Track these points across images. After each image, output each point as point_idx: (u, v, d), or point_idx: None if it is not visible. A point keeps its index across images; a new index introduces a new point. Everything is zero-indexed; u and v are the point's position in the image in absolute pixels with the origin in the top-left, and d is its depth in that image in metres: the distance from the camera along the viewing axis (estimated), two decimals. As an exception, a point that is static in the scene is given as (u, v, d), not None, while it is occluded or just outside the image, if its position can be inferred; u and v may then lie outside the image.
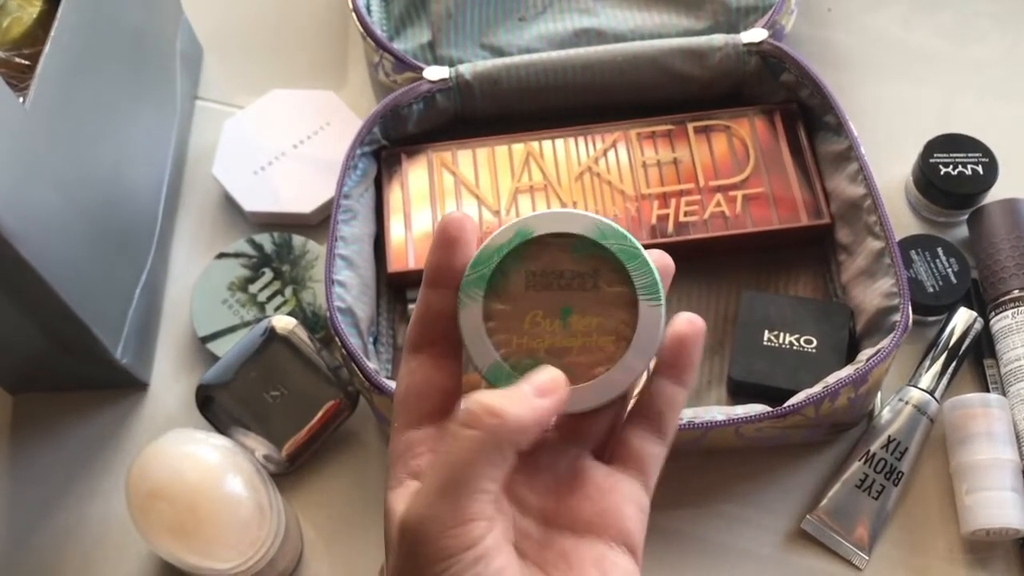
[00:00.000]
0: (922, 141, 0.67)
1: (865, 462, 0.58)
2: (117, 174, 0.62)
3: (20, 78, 0.52)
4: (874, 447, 0.58)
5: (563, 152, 0.67)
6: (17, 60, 0.53)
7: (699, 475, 0.59)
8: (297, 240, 0.67)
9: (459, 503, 0.31)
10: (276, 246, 0.67)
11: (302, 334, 0.61)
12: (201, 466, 0.52)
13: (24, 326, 0.56)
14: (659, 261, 0.35)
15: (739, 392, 0.60)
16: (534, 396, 0.32)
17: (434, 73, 0.67)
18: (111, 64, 0.61)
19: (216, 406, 0.60)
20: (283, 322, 0.61)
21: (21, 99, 0.50)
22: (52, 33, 0.52)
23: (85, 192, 0.57)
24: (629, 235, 0.35)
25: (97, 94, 0.59)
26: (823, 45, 0.75)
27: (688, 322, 0.35)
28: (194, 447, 0.53)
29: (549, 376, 0.33)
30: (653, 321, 0.34)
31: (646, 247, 0.36)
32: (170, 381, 0.64)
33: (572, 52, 0.67)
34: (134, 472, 0.52)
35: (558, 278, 0.34)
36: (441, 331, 0.35)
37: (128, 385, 0.64)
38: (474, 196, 0.66)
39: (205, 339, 0.64)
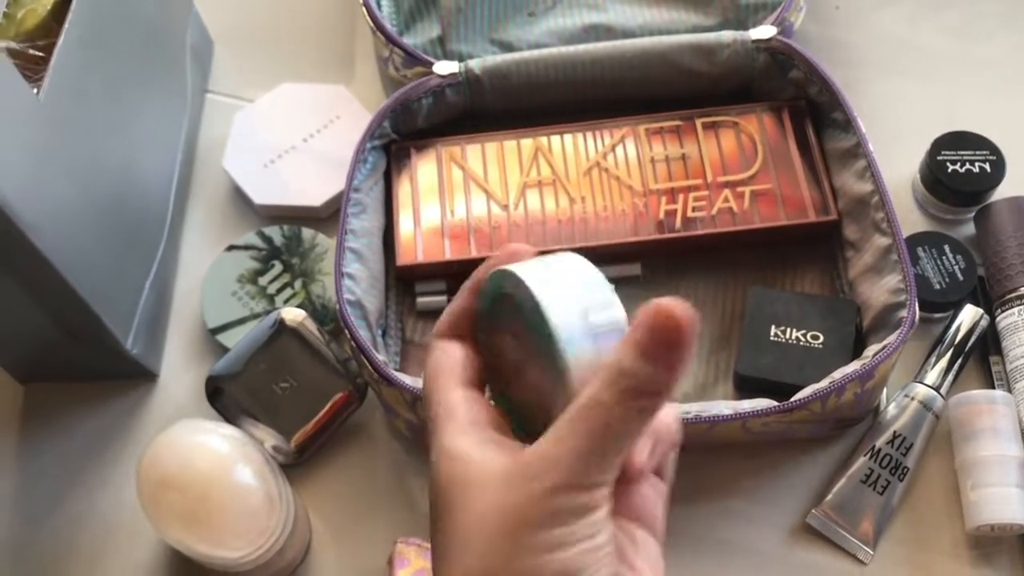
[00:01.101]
0: (928, 139, 0.67)
1: (870, 457, 0.58)
2: (128, 166, 0.62)
3: (34, 69, 0.52)
4: (879, 443, 0.58)
5: (572, 147, 0.67)
6: (31, 52, 0.53)
7: (705, 470, 0.59)
8: (307, 233, 0.67)
9: (597, 467, 0.29)
10: (286, 239, 0.67)
11: (311, 326, 0.61)
12: (212, 456, 0.52)
13: (35, 316, 0.57)
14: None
15: (745, 387, 0.60)
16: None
17: (444, 68, 0.67)
18: (123, 56, 0.61)
19: (225, 397, 0.60)
20: (292, 314, 0.61)
21: (35, 90, 0.50)
22: (66, 25, 0.52)
23: (97, 183, 0.57)
24: (544, 306, 0.32)
25: (109, 86, 0.59)
26: (830, 43, 0.75)
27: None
28: (204, 437, 0.53)
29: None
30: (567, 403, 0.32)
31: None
32: (179, 372, 0.65)
33: (581, 47, 0.68)
34: (145, 461, 0.52)
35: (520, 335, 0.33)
36: (469, 328, 0.36)
37: (138, 376, 0.64)
38: (483, 190, 0.66)
39: (215, 331, 0.64)
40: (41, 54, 0.54)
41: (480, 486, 0.31)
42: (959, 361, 0.60)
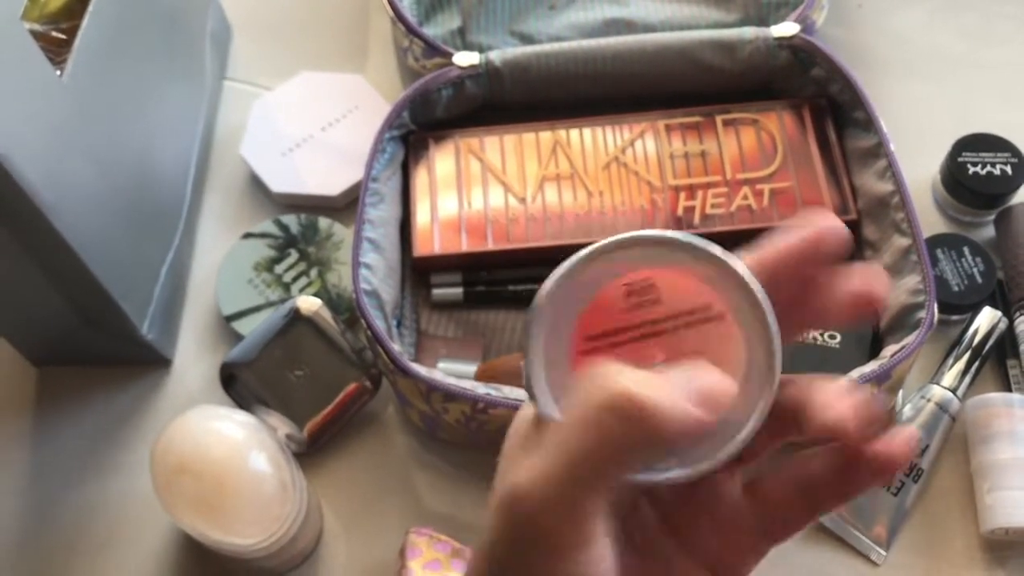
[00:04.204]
0: (947, 141, 0.66)
1: (886, 458, 0.58)
2: (147, 152, 0.62)
3: (57, 52, 0.52)
4: (895, 444, 0.58)
5: (591, 141, 0.67)
6: (54, 34, 0.53)
7: (719, 467, 0.59)
8: (323, 222, 0.67)
9: (578, 502, 0.26)
10: (302, 227, 0.67)
11: (326, 315, 0.61)
12: (226, 442, 0.52)
13: (52, 299, 0.57)
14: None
15: (761, 385, 0.60)
16: (689, 402, 0.26)
17: (464, 59, 0.67)
18: (144, 42, 0.61)
19: (239, 384, 0.60)
20: (308, 303, 0.61)
21: (59, 72, 0.50)
22: (90, 8, 0.52)
23: (117, 167, 0.57)
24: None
25: (130, 71, 0.59)
26: (850, 42, 0.75)
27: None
28: (219, 423, 0.53)
29: (714, 382, 0.27)
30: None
31: None
32: (194, 359, 0.65)
33: (603, 41, 0.67)
34: (160, 446, 0.52)
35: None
36: None
37: (152, 361, 0.64)
38: (500, 183, 0.66)
39: (230, 318, 0.64)
40: (64, 36, 0.54)
41: (514, 432, 0.31)
42: (976, 364, 0.60)
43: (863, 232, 0.63)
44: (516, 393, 0.55)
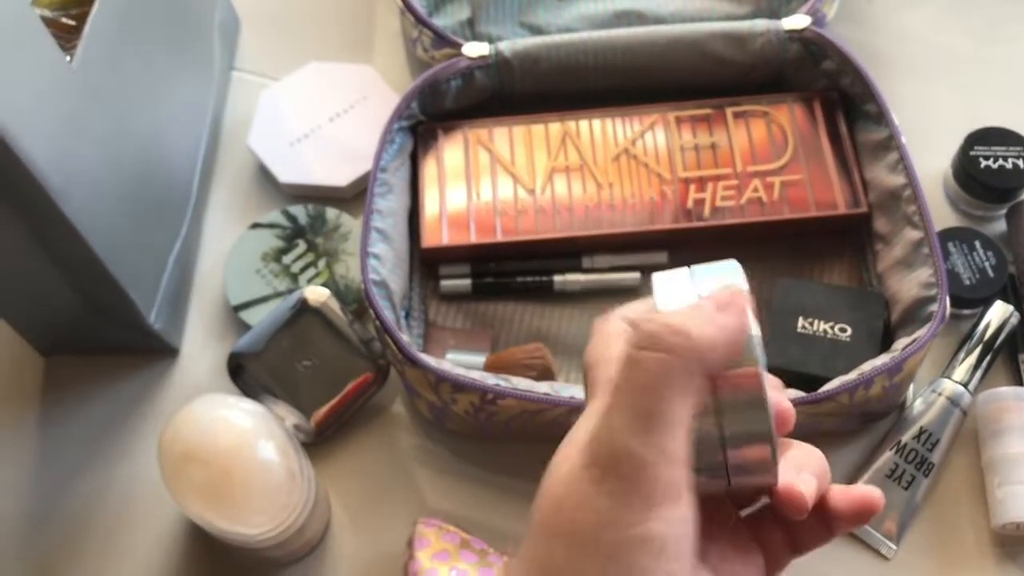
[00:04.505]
0: (958, 135, 0.66)
1: (896, 452, 0.57)
2: (156, 139, 0.62)
3: (66, 38, 0.52)
4: (906, 437, 0.58)
5: (600, 133, 0.67)
6: (64, 20, 0.53)
7: (728, 460, 0.59)
8: (331, 213, 0.67)
9: (658, 438, 0.28)
10: (310, 218, 0.67)
11: (334, 306, 0.61)
12: (234, 430, 0.52)
13: (60, 287, 0.56)
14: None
15: (771, 378, 0.59)
16: (715, 311, 0.29)
17: (473, 50, 0.67)
18: (153, 29, 0.61)
19: (247, 374, 0.60)
20: (316, 293, 0.61)
21: (68, 59, 0.50)
22: (100, -6, 0.52)
23: (126, 155, 0.57)
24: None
25: (140, 59, 0.59)
26: (860, 38, 0.74)
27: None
28: (227, 411, 0.53)
29: (725, 290, 0.30)
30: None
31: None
32: (201, 348, 0.65)
33: (613, 33, 0.67)
34: (167, 434, 0.52)
35: None
36: None
37: (159, 351, 0.64)
38: (509, 174, 0.65)
39: (237, 308, 0.64)
40: (74, 23, 0.54)
41: (566, 458, 0.30)
42: (988, 358, 0.60)
43: (874, 225, 0.62)
44: (525, 384, 0.55)
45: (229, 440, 0.52)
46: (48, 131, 0.47)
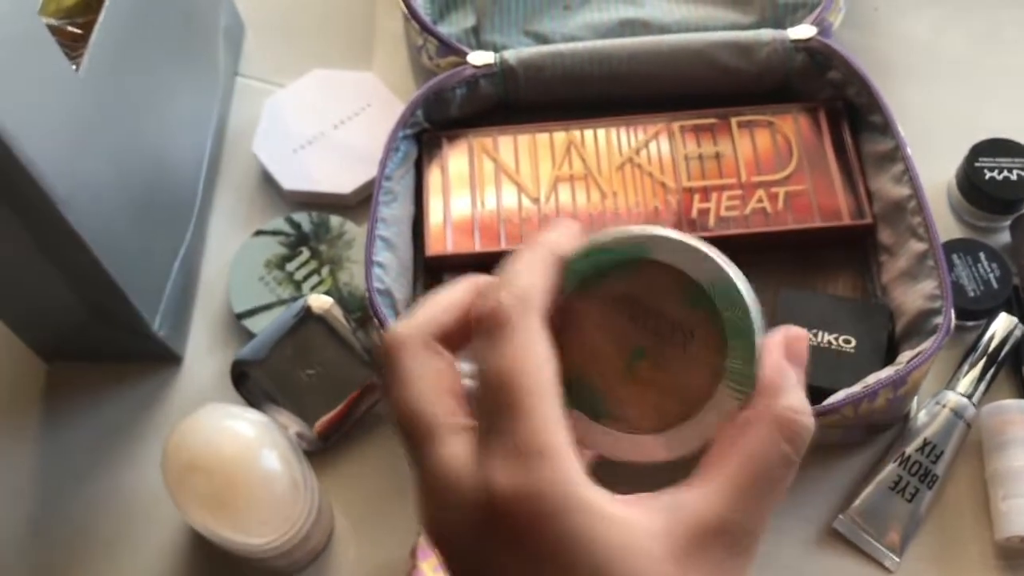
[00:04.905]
0: (963, 146, 0.66)
1: (900, 464, 0.57)
2: (161, 147, 0.62)
3: (72, 46, 0.52)
4: (909, 449, 0.58)
5: (605, 142, 0.66)
6: (70, 28, 0.53)
7: (732, 470, 0.59)
8: (335, 220, 0.67)
9: (765, 516, 0.27)
10: (314, 225, 0.67)
11: (338, 314, 0.61)
12: (238, 440, 0.52)
13: (63, 294, 0.56)
14: (788, 351, 0.29)
15: (775, 389, 0.59)
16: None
17: (478, 58, 0.67)
18: (159, 38, 0.61)
19: (250, 382, 0.60)
20: (319, 301, 0.61)
21: (74, 67, 0.50)
22: (106, 3, 0.52)
23: (131, 162, 0.57)
24: (752, 307, 0.29)
25: (145, 67, 0.59)
26: (866, 46, 0.74)
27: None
28: (231, 421, 0.53)
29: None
30: (722, 415, 0.28)
31: None
32: (204, 356, 0.65)
33: (618, 42, 0.67)
34: (172, 443, 0.52)
35: (651, 316, 0.29)
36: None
37: (163, 358, 0.64)
38: (514, 183, 0.65)
39: (241, 315, 0.64)
40: (80, 31, 0.54)
41: (645, 553, 0.26)
42: (992, 370, 0.60)
43: (879, 236, 0.62)
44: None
45: (233, 450, 0.52)
46: (53, 139, 0.47)
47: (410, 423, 0.28)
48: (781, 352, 0.29)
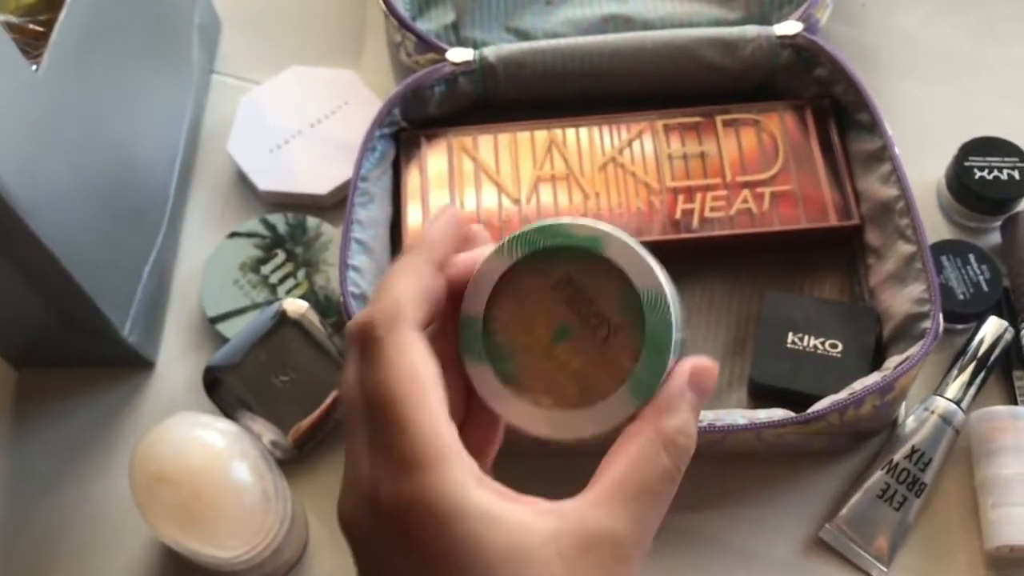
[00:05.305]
0: (953, 144, 0.65)
1: (887, 472, 0.56)
2: (130, 147, 0.60)
3: (34, 45, 0.50)
4: (897, 457, 0.56)
5: (587, 141, 0.65)
6: (31, 26, 0.51)
7: (716, 479, 0.57)
8: (311, 222, 0.65)
9: (649, 528, 0.28)
10: (290, 227, 0.65)
11: (314, 318, 0.59)
12: (208, 451, 0.51)
13: (30, 300, 0.55)
14: (692, 378, 0.30)
15: (761, 395, 0.58)
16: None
17: (458, 55, 0.65)
18: (127, 34, 0.59)
19: (223, 389, 0.59)
20: (295, 305, 0.60)
21: (34, 67, 0.48)
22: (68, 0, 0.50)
23: (97, 165, 0.55)
24: (676, 327, 0.30)
25: (112, 64, 0.57)
26: (854, 41, 0.73)
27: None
28: (200, 431, 0.52)
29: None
30: (614, 415, 0.30)
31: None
32: (177, 361, 0.63)
33: (601, 38, 0.65)
34: (139, 454, 0.51)
35: (585, 304, 0.31)
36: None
37: (134, 363, 0.62)
38: (494, 183, 0.64)
39: (214, 320, 0.62)
40: (41, 29, 0.52)
41: (533, 556, 0.27)
42: (981, 375, 0.58)
43: (866, 238, 0.61)
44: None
45: (202, 461, 0.50)
46: (11, 144, 0.46)
47: (381, 407, 0.28)
48: (686, 378, 0.29)
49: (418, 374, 0.28)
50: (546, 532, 0.27)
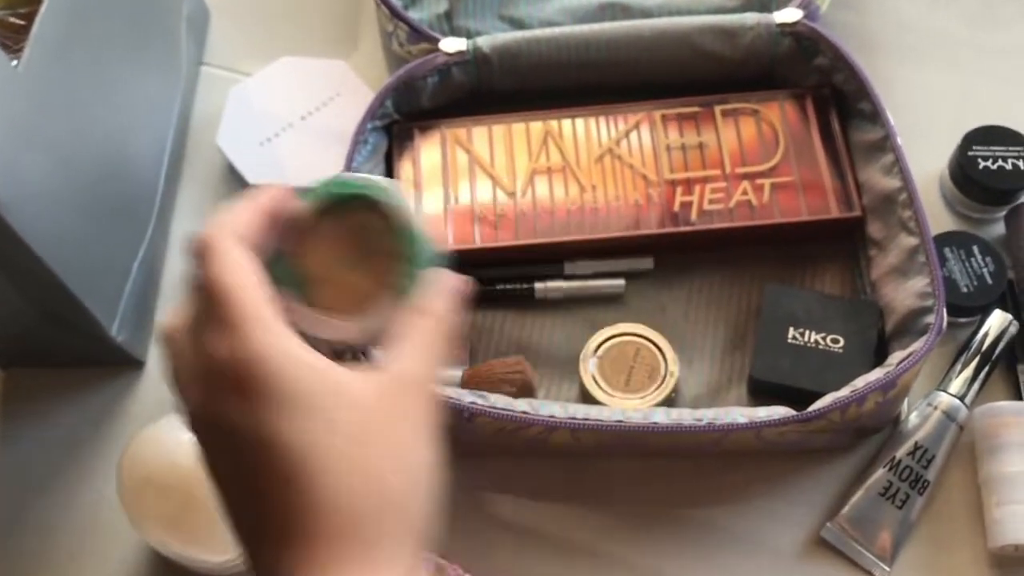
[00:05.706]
0: (956, 133, 0.64)
1: (890, 469, 0.55)
2: (117, 142, 0.59)
3: (15, 39, 0.49)
4: (900, 453, 0.55)
5: (583, 132, 0.64)
6: (12, 20, 0.50)
7: (715, 478, 0.56)
8: (303, 216, 0.64)
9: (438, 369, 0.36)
10: (281, 222, 0.64)
11: (305, 315, 0.58)
12: (196, 453, 0.50)
13: (14, 299, 0.54)
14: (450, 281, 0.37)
15: (761, 391, 0.57)
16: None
17: (451, 45, 0.64)
18: (112, 26, 0.58)
19: (214, 388, 0.57)
20: (286, 302, 0.58)
21: (15, 61, 0.47)
22: (48, -8, 0.49)
23: (82, 160, 0.54)
24: (423, 250, 0.37)
25: (96, 57, 0.56)
26: (855, 27, 0.72)
27: None
28: (189, 434, 0.50)
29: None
30: (383, 313, 0.37)
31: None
32: (167, 359, 0.62)
33: (597, 27, 0.64)
34: (127, 457, 0.50)
35: (368, 239, 0.37)
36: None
37: (123, 363, 0.61)
38: (488, 176, 0.63)
39: (204, 317, 0.61)
40: (23, 23, 0.51)
41: (363, 396, 0.33)
42: (985, 370, 0.57)
43: (868, 230, 0.60)
44: (503, 402, 0.53)
45: (190, 464, 0.49)
46: (-10, 140, 0.45)
47: (213, 288, 0.33)
48: (439, 278, 0.37)
49: (243, 264, 0.34)
50: (371, 381, 0.34)
